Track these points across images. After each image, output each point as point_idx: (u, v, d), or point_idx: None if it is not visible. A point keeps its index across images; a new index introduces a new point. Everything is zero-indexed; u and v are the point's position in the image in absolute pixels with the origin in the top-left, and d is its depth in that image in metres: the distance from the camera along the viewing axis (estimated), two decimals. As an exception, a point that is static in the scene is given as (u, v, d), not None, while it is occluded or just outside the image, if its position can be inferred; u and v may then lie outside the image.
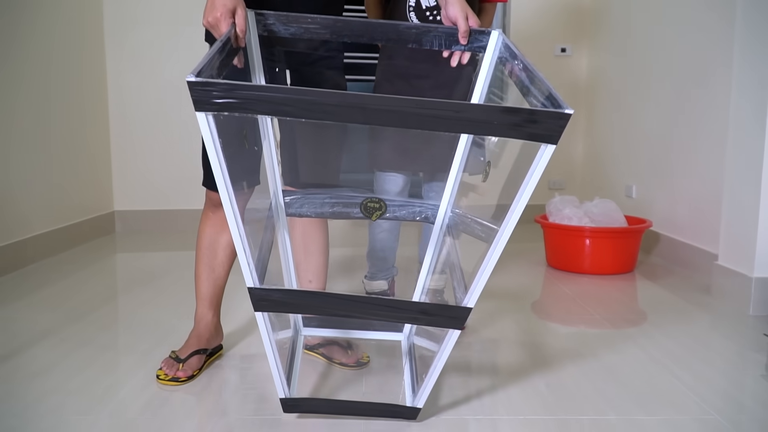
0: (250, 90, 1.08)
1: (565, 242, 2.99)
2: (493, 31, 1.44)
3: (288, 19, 1.44)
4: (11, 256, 2.88)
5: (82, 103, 3.57)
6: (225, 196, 1.14)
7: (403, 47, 1.89)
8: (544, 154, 1.13)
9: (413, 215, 1.53)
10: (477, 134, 1.16)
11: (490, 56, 1.44)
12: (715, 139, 2.84)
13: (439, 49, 1.47)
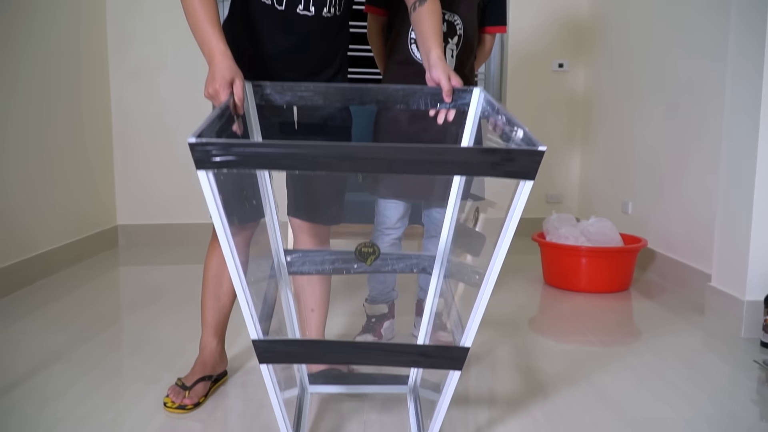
0: (245, 147, 1.13)
1: (561, 261, 3.05)
2: (475, 89, 1.52)
3: (283, 88, 1.52)
4: (18, 275, 2.93)
5: (85, 119, 3.62)
6: (230, 259, 1.17)
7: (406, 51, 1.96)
8: (523, 190, 1.19)
9: (411, 267, 1.58)
10: (459, 174, 1.22)
11: (474, 112, 1.51)
12: (707, 159, 2.90)
13: (426, 108, 1.54)
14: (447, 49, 2.09)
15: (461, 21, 2.08)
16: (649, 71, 3.48)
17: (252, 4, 1.67)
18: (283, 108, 1.78)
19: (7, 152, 2.90)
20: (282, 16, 1.67)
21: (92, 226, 3.72)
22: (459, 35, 2.09)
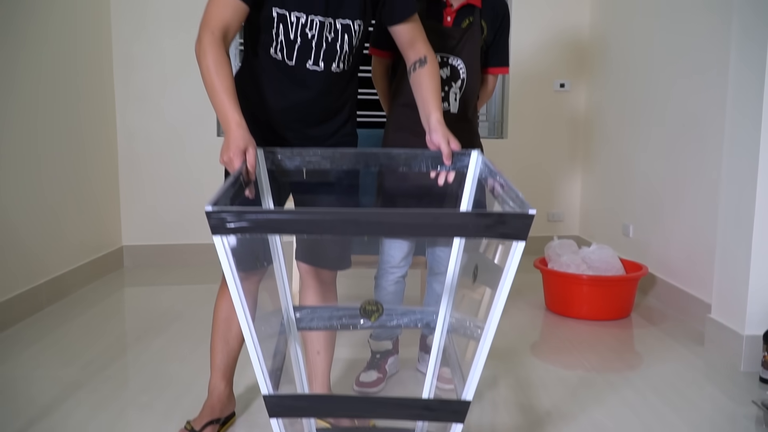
0: (257, 214, 1.19)
1: (563, 289, 3.08)
2: (473, 152, 1.57)
3: (292, 153, 1.58)
4: (27, 302, 2.97)
5: (91, 142, 3.66)
6: (245, 326, 1.22)
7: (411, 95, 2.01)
8: (516, 250, 1.25)
9: (415, 322, 1.62)
10: (456, 237, 1.29)
11: (472, 173, 1.56)
12: (707, 188, 2.93)
13: (427, 170, 1.60)
14: (450, 93, 2.13)
15: (464, 65, 2.12)
16: (648, 96, 3.51)
17: (263, 58, 1.72)
18: None
19: (14, 176, 2.93)
20: (292, 71, 1.72)
21: (98, 248, 3.76)
22: (462, 79, 2.12)
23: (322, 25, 1.67)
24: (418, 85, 1.74)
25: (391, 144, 2.20)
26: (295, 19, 1.65)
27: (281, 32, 1.67)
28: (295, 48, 1.69)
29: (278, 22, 1.66)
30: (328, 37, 1.69)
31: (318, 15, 1.66)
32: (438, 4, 2.11)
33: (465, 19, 2.12)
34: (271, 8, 1.64)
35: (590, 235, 4.37)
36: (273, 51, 1.70)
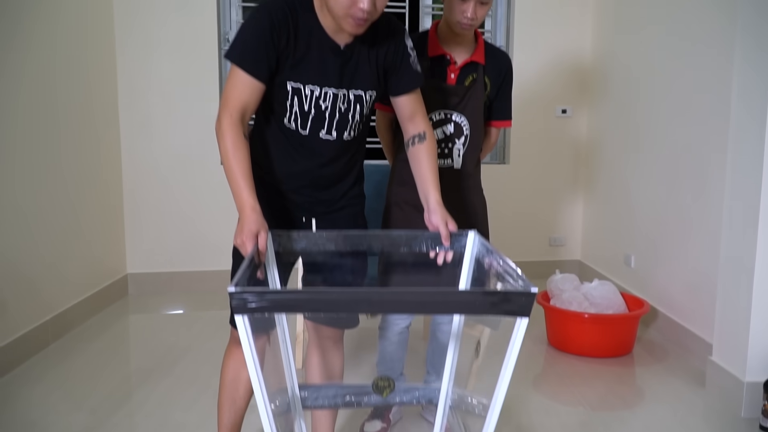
0: (276, 294, 1.26)
1: (565, 326, 3.11)
2: (470, 232, 1.64)
3: (299, 236, 1.64)
4: (32, 342, 2.99)
5: (96, 171, 3.69)
6: (262, 406, 1.25)
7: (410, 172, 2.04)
8: (520, 326, 1.29)
9: (418, 399, 1.66)
10: (464, 314, 1.33)
11: (470, 254, 1.61)
12: (709, 223, 2.95)
13: (427, 251, 1.66)
14: (454, 149, 2.15)
15: (467, 122, 2.14)
16: (649, 126, 3.54)
17: (276, 127, 1.75)
18: (302, 221, 1.87)
19: (17, 208, 2.94)
20: (305, 140, 1.75)
21: (104, 278, 3.79)
22: (466, 135, 2.15)
23: (335, 96, 1.71)
24: (417, 162, 1.79)
25: (395, 196, 2.23)
26: (310, 92, 1.69)
27: (296, 104, 1.70)
28: (309, 119, 1.72)
29: (293, 95, 1.69)
30: (342, 108, 1.73)
31: (332, 87, 1.70)
32: (442, 62, 2.13)
33: (468, 76, 2.14)
34: (286, 82, 1.68)
35: (592, 260, 4.39)
36: (287, 121, 1.73)
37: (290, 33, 1.64)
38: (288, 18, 1.63)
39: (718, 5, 2.90)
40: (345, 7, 1.54)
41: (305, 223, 1.88)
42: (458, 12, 2.02)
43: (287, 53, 1.65)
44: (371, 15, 1.57)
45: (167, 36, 3.96)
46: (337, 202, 1.88)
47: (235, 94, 1.63)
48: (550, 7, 4.31)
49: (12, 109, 2.87)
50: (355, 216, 1.93)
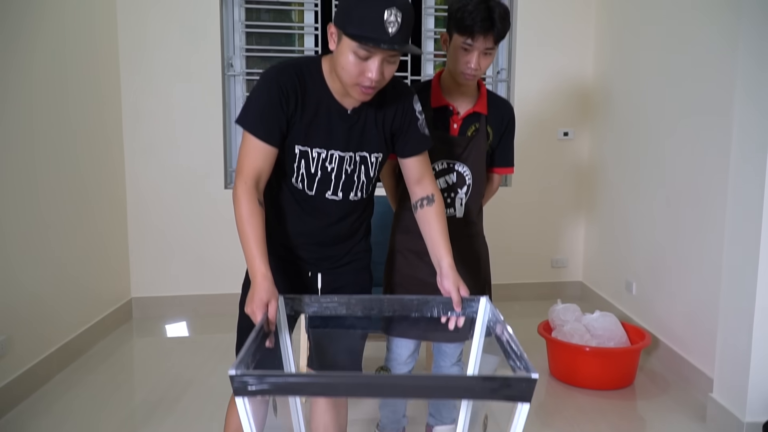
0: (277, 377, 1.27)
1: (566, 358, 3.13)
2: (482, 298, 1.65)
3: (311, 300, 1.66)
4: (37, 376, 3.01)
5: (100, 195, 3.73)
6: None
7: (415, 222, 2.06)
8: (521, 410, 1.31)
9: None
10: (466, 399, 1.35)
11: (482, 320, 1.63)
12: (710, 254, 2.96)
13: (438, 316, 1.68)
14: (456, 199, 2.17)
15: (470, 171, 2.16)
16: (649, 151, 3.55)
17: (283, 187, 1.78)
18: (308, 275, 1.91)
19: (21, 236, 2.96)
20: (311, 200, 1.79)
21: (108, 304, 3.81)
22: (468, 185, 2.16)
23: (341, 158, 1.74)
24: (427, 225, 1.82)
25: (399, 244, 2.25)
26: (317, 154, 1.73)
27: (302, 166, 1.74)
28: (315, 180, 1.75)
29: (300, 158, 1.73)
30: (348, 169, 1.76)
31: (338, 150, 1.73)
32: (445, 112, 2.15)
33: (471, 126, 2.16)
34: (294, 145, 1.71)
35: (593, 283, 4.41)
36: (294, 181, 1.76)
37: (298, 98, 1.67)
38: (296, 83, 1.67)
39: (720, 32, 2.89)
40: (354, 76, 1.58)
41: (311, 278, 1.91)
42: (462, 63, 2.03)
43: (296, 117, 1.68)
44: (379, 84, 1.61)
45: (171, 59, 3.98)
46: (343, 258, 1.91)
47: (249, 161, 1.67)
48: (552, 30, 4.32)
49: (16, 133, 2.87)
50: (360, 270, 1.97)
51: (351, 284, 1.94)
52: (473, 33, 1.97)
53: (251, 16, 4.22)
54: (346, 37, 1.55)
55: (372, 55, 1.55)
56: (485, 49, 2.01)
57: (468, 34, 1.98)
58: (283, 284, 1.83)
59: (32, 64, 3.00)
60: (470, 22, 1.97)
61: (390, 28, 1.52)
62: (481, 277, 2.25)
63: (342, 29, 1.56)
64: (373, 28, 1.51)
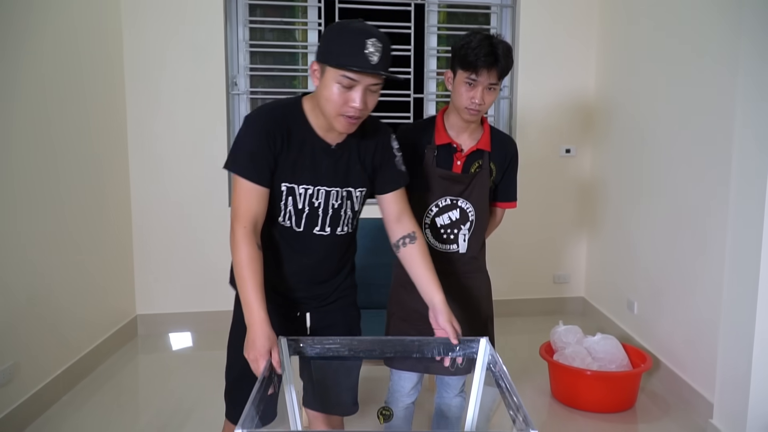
0: None
1: (568, 381, 3.15)
2: (482, 340, 1.69)
3: (314, 342, 1.69)
4: (44, 398, 3.05)
5: (106, 215, 3.76)
6: None
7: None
8: None
9: None
10: None
11: (482, 361, 1.66)
12: (711, 278, 2.98)
13: (439, 355, 1.72)
14: (459, 235, 2.19)
15: (473, 208, 2.18)
16: (651, 171, 3.57)
17: (271, 226, 1.82)
18: (296, 316, 1.97)
19: (28, 260, 2.99)
20: (300, 237, 1.83)
21: (114, 322, 3.85)
22: (471, 221, 2.19)
23: (328, 193, 1.80)
24: (413, 263, 1.87)
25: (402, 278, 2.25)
26: (303, 190, 1.78)
27: (290, 203, 1.78)
28: (303, 216, 1.80)
29: (287, 195, 1.77)
30: (334, 204, 1.82)
31: (324, 186, 1.79)
32: (449, 150, 2.17)
33: (474, 163, 2.18)
34: (280, 184, 1.76)
35: (595, 299, 4.43)
36: (282, 219, 1.81)
37: (284, 137, 1.73)
38: (280, 123, 1.73)
39: (721, 51, 2.90)
40: (338, 106, 1.65)
41: (300, 317, 1.97)
42: (466, 98, 2.05)
43: (282, 156, 1.73)
44: (362, 113, 1.68)
45: (176, 79, 4.01)
46: (330, 296, 1.97)
47: (244, 205, 1.71)
48: (554, 48, 4.34)
49: (22, 154, 2.89)
50: (347, 307, 2.02)
51: (339, 322, 1.99)
52: (477, 68, 2.00)
53: (255, 36, 4.24)
54: (329, 69, 1.63)
55: (355, 84, 1.63)
56: (489, 84, 2.04)
57: (472, 69, 2.01)
58: (272, 327, 1.88)
59: (38, 85, 3.03)
60: (473, 58, 2.00)
61: (371, 57, 1.60)
62: (483, 313, 2.28)
63: (325, 62, 1.64)
64: (355, 56, 1.59)
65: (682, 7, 3.27)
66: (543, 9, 4.30)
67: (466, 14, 4.47)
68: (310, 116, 1.76)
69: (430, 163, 2.15)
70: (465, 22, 4.48)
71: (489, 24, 4.44)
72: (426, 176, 2.16)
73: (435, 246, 2.19)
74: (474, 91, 2.04)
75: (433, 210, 2.17)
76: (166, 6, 3.95)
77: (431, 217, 2.18)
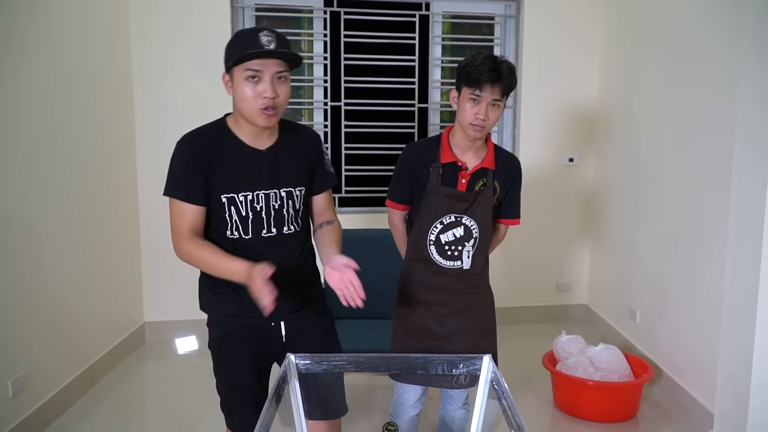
0: None
1: (570, 391, 3.20)
2: (485, 357, 1.72)
3: (320, 359, 1.74)
4: (55, 405, 3.11)
5: (114, 224, 3.82)
6: None
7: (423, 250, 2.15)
8: None
9: None
10: None
11: (485, 378, 1.71)
12: (710, 291, 3.02)
13: (443, 373, 1.75)
14: (464, 252, 2.24)
15: (477, 225, 2.22)
16: (654, 181, 3.61)
17: (219, 242, 1.89)
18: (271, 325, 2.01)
19: (42, 270, 3.05)
20: (249, 244, 1.90)
21: (123, 330, 3.90)
22: (475, 238, 2.23)
23: (267, 196, 1.89)
24: (324, 237, 1.98)
25: (407, 295, 2.31)
26: (243, 198, 1.86)
27: (233, 212, 1.87)
28: (249, 222, 1.88)
29: (229, 205, 1.86)
30: (275, 205, 1.91)
31: (262, 189, 1.87)
32: (454, 168, 2.21)
33: (479, 181, 2.22)
34: (219, 196, 1.85)
35: (598, 306, 4.47)
36: (229, 233, 1.89)
37: (211, 153, 1.83)
38: (204, 143, 1.84)
39: (726, 58, 2.93)
40: (252, 101, 1.77)
41: (274, 327, 2.01)
42: (470, 114, 2.11)
43: (213, 172, 1.83)
44: (276, 101, 1.79)
45: (184, 86, 4.07)
46: (301, 301, 2.02)
47: (181, 222, 1.83)
48: (557, 57, 4.38)
49: (30, 161, 2.93)
50: (320, 312, 2.10)
51: (314, 326, 2.06)
52: (480, 83, 2.06)
53: (262, 46, 4.28)
54: (235, 71, 1.77)
55: (261, 74, 1.75)
56: (493, 100, 2.09)
57: (476, 85, 2.07)
58: (249, 341, 1.97)
59: (46, 93, 3.08)
60: (477, 74, 2.07)
61: (267, 45, 1.72)
62: (486, 326, 2.32)
63: (230, 67, 1.78)
64: (251, 46, 1.72)
65: (683, 16, 3.31)
66: (546, 19, 4.34)
67: (470, 25, 4.51)
68: (235, 129, 1.87)
69: (435, 181, 2.20)
70: (469, 32, 4.53)
71: (493, 34, 4.48)
72: (431, 194, 2.20)
73: (439, 262, 2.24)
74: (478, 107, 2.09)
75: (437, 227, 2.21)
76: (174, 16, 4.00)
77: (436, 234, 2.22)
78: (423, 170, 2.22)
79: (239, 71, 1.76)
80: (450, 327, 2.26)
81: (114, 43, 3.79)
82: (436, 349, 2.23)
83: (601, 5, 4.35)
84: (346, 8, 4.20)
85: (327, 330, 2.11)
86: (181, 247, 1.83)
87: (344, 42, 4.24)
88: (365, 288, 2.04)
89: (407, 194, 2.30)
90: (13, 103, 2.81)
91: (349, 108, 4.29)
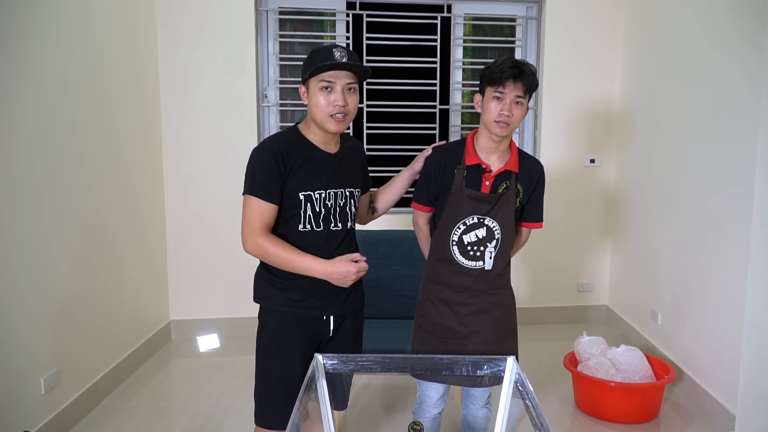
0: None
1: (592, 392, 3.21)
2: (509, 359, 1.76)
3: (348, 359, 1.81)
4: (85, 403, 3.18)
5: (142, 224, 3.89)
6: None
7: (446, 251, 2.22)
8: None
9: None
10: None
11: (509, 378, 1.73)
12: (732, 293, 3.01)
13: (468, 374, 1.83)
14: (486, 252, 2.27)
15: (499, 226, 2.25)
16: (675, 182, 3.60)
17: (289, 237, 2.04)
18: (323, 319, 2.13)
19: (68, 269, 3.12)
20: (319, 236, 2.05)
21: (150, 328, 3.98)
22: (497, 239, 2.26)
23: (335, 194, 2.08)
24: (382, 189, 2.42)
25: (429, 294, 2.34)
26: (318, 195, 2.03)
27: (309, 208, 2.02)
28: (320, 217, 2.04)
29: (306, 202, 2.01)
30: (341, 203, 2.09)
31: (332, 188, 2.06)
32: (478, 170, 2.25)
33: (502, 183, 2.25)
34: (298, 193, 2.00)
35: (619, 308, 4.47)
36: (302, 226, 2.03)
37: (290, 156, 1.99)
38: (285, 147, 2.00)
39: (748, 58, 2.92)
40: (324, 109, 1.97)
41: (325, 321, 2.11)
42: (494, 111, 2.16)
43: (292, 172, 1.99)
44: (346, 110, 1.98)
45: (209, 92, 4.14)
46: (346, 301, 2.14)
47: (256, 218, 1.98)
48: (579, 57, 4.39)
49: (58, 165, 3.00)
50: (356, 312, 2.22)
51: (350, 327, 2.18)
52: (502, 80, 2.14)
53: (285, 49, 4.35)
54: (311, 82, 1.98)
55: (333, 85, 1.95)
56: (516, 97, 2.15)
57: (498, 83, 2.15)
58: (303, 332, 2.07)
59: (74, 97, 3.15)
60: (499, 72, 2.14)
61: (340, 59, 1.93)
62: (507, 326, 2.35)
63: (306, 79, 1.99)
64: (326, 60, 1.93)
65: (707, 17, 3.30)
66: (568, 20, 4.35)
67: (491, 26, 4.53)
68: (308, 135, 2.07)
69: (460, 183, 2.23)
70: (490, 34, 4.55)
71: (514, 36, 4.50)
72: (455, 195, 2.24)
73: (462, 262, 2.27)
74: (502, 104, 2.15)
75: (460, 228, 2.25)
76: (199, 22, 4.07)
77: (459, 235, 2.25)
78: (448, 172, 2.26)
79: (314, 82, 1.97)
80: (471, 326, 2.28)
81: (141, 48, 3.87)
82: (456, 348, 2.26)
83: (623, 6, 4.35)
84: (369, 11, 4.25)
85: (357, 331, 2.23)
86: (256, 242, 1.97)
87: (366, 44, 4.28)
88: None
89: (432, 196, 2.34)
90: (39, 109, 2.87)
91: (371, 110, 4.34)
